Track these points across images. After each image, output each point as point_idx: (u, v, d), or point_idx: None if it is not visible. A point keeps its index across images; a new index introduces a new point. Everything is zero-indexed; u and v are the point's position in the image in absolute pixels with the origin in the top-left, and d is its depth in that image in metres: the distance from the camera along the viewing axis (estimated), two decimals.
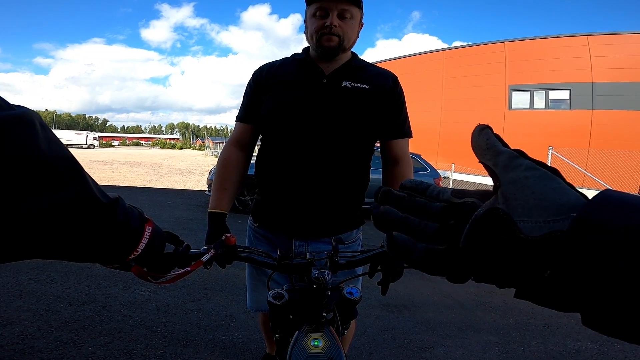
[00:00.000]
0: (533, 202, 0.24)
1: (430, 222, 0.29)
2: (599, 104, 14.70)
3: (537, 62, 16.36)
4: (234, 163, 1.24)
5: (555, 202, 0.23)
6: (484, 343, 2.38)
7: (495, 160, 0.28)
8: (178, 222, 5.09)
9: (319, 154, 1.12)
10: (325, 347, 0.72)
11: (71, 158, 0.44)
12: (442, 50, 20.81)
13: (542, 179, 0.25)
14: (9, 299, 2.33)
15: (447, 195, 0.31)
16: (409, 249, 0.28)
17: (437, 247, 0.27)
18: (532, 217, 0.23)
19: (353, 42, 1.18)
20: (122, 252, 0.56)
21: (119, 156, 23.93)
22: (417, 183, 0.34)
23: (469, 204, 0.29)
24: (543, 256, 0.22)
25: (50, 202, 0.41)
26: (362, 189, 1.24)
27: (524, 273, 0.23)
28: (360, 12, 1.15)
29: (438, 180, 6.71)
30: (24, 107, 0.40)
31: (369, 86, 1.15)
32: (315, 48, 1.14)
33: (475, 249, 0.25)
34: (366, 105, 1.14)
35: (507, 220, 0.23)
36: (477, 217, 0.25)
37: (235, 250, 0.82)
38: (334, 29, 1.08)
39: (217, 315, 2.40)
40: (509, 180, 0.26)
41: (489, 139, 0.29)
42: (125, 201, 0.55)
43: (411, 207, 0.31)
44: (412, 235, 0.29)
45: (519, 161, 0.26)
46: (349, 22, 1.11)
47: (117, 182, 9.42)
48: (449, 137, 19.22)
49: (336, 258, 0.82)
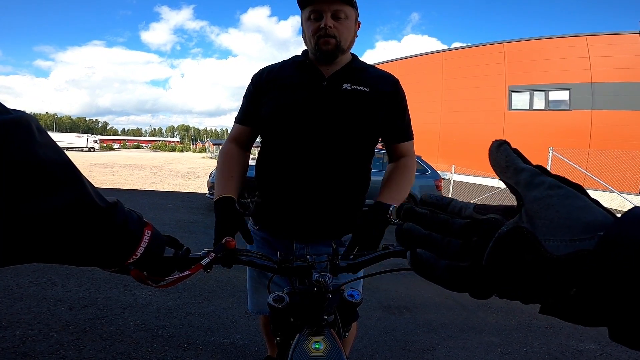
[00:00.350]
0: (558, 221, 0.24)
1: (453, 239, 0.29)
2: (599, 104, 14.71)
3: (537, 63, 16.39)
4: (235, 156, 1.23)
5: (581, 220, 0.23)
6: (486, 344, 2.37)
7: (516, 179, 0.28)
8: (179, 224, 5.08)
9: (319, 156, 1.12)
10: (326, 350, 0.72)
11: (68, 162, 0.44)
12: (442, 51, 20.85)
13: (567, 197, 0.24)
14: (10, 302, 2.33)
15: (469, 211, 0.32)
16: (432, 266, 0.28)
17: (460, 264, 0.28)
18: (557, 236, 0.23)
19: (351, 43, 1.17)
20: (121, 256, 0.56)
21: (119, 159, 23.94)
22: (438, 198, 0.34)
23: (492, 220, 0.29)
24: (569, 275, 0.22)
25: (48, 206, 0.41)
26: (363, 191, 1.24)
27: (549, 291, 0.23)
28: (355, 12, 1.15)
29: (438, 181, 6.71)
30: (20, 111, 0.40)
31: (369, 89, 1.15)
32: (314, 52, 1.14)
33: (499, 267, 0.25)
34: (366, 107, 1.14)
35: (531, 239, 0.24)
36: (500, 235, 0.25)
37: (236, 253, 0.81)
38: (329, 30, 1.08)
39: (218, 318, 2.40)
40: (532, 198, 0.26)
41: (508, 156, 0.29)
42: (124, 205, 0.55)
43: (434, 224, 0.31)
44: (435, 252, 0.29)
45: (542, 179, 0.26)
46: (344, 22, 1.11)
47: (117, 185, 9.42)
48: (449, 138, 19.23)
49: (337, 261, 0.81)
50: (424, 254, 0.29)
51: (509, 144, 0.30)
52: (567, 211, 0.24)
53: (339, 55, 1.14)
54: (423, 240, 0.30)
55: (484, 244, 0.26)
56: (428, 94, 20.00)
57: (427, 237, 0.30)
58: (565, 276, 0.22)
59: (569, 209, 0.24)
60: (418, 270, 0.29)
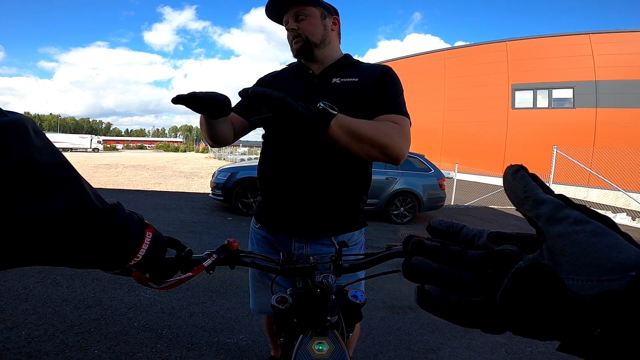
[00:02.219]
0: (585, 260, 0.22)
1: (465, 272, 0.28)
2: (603, 102, 14.61)
3: (540, 61, 16.31)
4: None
5: (611, 260, 0.21)
6: (490, 344, 2.36)
7: (537, 211, 0.25)
8: (182, 225, 5.10)
9: (314, 152, 1.14)
10: (329, 352, 0.72)
11: (66, 164, 0.44)
12: (444, 50, 20.78)
13: (596, 234, 0.22)
14: (15, 302, 2.35)
15: (483, 240, 0.30)
16: (441, 303, 0.27)
17: (472, 300, 0.26)
18: (583, 275, 0.22)
19: (322, 37, 1.20)
20: (122, 259, 0.55)
21: (123, 159, 24.05)
22: (448, 225, 0.32)
23: (509, 252, 0.27)
24: (594, 315, 0.21)
25: (45, 209, 0.40)
26: (363, 187, 1.24)
27: (570, 331, 0.22)
28: (318, 9, 1.19)
29: (442, 180, 6.68)
30: (17, 114, 0.40)
31: (358, 79, 1.18)
32: (293, 52, 1.23)
33: (514, 306, 0.24)
34: (355, 95, 1.16)
35: (553, 278, 0.22)
36: (517, 270, 0.24)
37: (238, 255, 0.81)
38: (294, 32, 1.17)
39: (222, 318, 2.41)
40: (555, 234, 0.24)
41: (526, 185, 0.27)
42: (124, 207, 0.55)
43: (445, 257, 0.29)
44: (445, 287, 0.28)
45: (566, 212, 0.24)
46: (307, 20, 1.17)
47: (121, 186, 9.46)
48: (452, 137, 19.17)
49: (340, 262, 0.81)
50: (433, 290, 0.28)
51: (526, 170, 0.28)
52: (595, 249, 0.22)
53: (314, 50, 1.19)
54: (433, 275, 0.29)
55: (499, 279, 0.25)
56: (430, 93, 19.95)
57: (437, 272, 0.28)
58: (590, 317, 0.21)
59: (598, 247, 0.22)
60: (426, 307, 0.28)
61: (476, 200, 10.66)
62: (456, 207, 9.28)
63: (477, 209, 9.27)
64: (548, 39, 16.34)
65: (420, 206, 6.43)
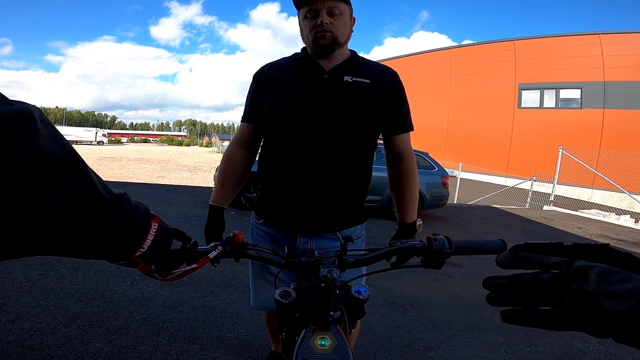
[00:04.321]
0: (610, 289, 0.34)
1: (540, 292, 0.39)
2: (611, 103, 14.46)
3: (548, 61, 16.15)
4: (235, 161, 1.30)
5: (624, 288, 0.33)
6: (490, 343, 2.36)
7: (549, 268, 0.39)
8: (185, 218, 5.12)
9: (322, 147, 1.13)
10: (332, 346, 0.72)
11: (73, 153, 0.43)
12: (451, 48, 20.62)
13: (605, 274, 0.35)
14: (18, 295, 2.36)
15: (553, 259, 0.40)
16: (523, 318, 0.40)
17: (551, 312, 0.38)
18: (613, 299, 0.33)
19: (347, 37, 1.20)
20: (128, 249, 0.55)
21: (127, 153, 24.16)
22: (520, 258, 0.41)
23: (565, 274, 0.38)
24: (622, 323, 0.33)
25: (52, 198, 0.40)
26: (366, 182, 1.25)
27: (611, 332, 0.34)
28: (349, 8, 1.18)
29: (445, 178, 6.65)
30: (24, 103, 0.39)
31: (370, 80, 1.17)
32: (313, 47, 1.17)
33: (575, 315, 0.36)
34: (368, 98, 1.16)
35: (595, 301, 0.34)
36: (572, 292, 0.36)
37: (243, 247, 0.81)
38: (325, 27, 1.11)
39: (223, 312, 2.42)
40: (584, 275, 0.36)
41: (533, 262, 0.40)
42: (131, 197, 0.55)
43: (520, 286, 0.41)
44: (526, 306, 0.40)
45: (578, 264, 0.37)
46: (339, 17, 1.14)
47: (125, 179, 9.51)
48: (457, 135, 19.07)
49: (345, 256, 0.81)
50: (515, 311, 0.40)
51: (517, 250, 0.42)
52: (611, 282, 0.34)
53: (336, 49, 1.17)
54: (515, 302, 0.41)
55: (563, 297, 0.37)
56: (436, 91, 19.83)
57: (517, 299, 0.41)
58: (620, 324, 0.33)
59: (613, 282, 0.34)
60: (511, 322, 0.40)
61: (479, 200, 10.63)
62: (459, 206, 9.24)
63: (479, 208, 9.23)
64: (557, 39, 16.16)
65: (423, 204, 6.40)
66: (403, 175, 1.28)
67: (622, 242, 6.23)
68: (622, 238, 6.60)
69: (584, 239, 6.25)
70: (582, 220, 8.46)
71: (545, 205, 10.28)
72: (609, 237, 6.62)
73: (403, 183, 1.28)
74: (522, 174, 12.71)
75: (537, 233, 6.40)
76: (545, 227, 7.15)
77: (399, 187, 1.29)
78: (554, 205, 10.15)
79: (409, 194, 1.28)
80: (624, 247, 5.85)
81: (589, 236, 6.53)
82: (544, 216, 8.55)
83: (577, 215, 9.03)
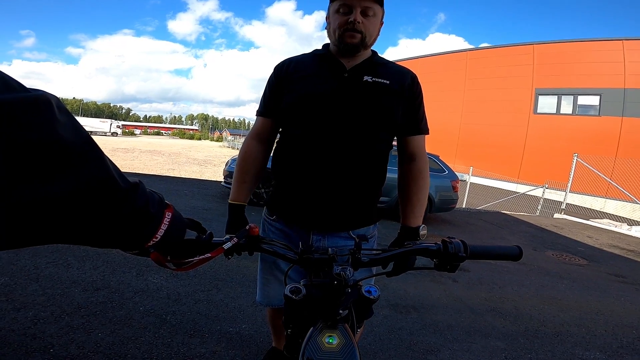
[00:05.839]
0: None
1: None
2: (630, 111, 14.10)
3: (567, 66, 15.81)
4: (253, 156, 1.28)
5: None
6: (491, 349, 2.33)
7: None
8: (193, 211, 5.17)
9: (339, 146, 1.12)
10: (339, 345, 0.71)
11: (89, 140, 0.44)
12: (466, 50, 20.35)
13: None
14: (25, 283, 2.40)
15: None
16: None
17: None
18: None
19: (374, 40, 1.18)
20: (141, 238, 0.55)
21: (140, 144, 24.48)
22: None
23: None
24: None
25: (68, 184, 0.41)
26: (380, 182, 1.25)
27: None
28: (382, 10, 1.16)
29: (455, 182, 6.57)
30: (40, 90, 0.40)
31: (390, 81, 1.16)
32: (337, 44, 1.15)
33: None
34: (387, 98, 1.15)
35: None
36: None
37: (258, 241, 0.82)
38: (357, 25, 1.09)
39: (226, 307, 2.43)
40: None
41: None
42: (146, 186, 0.55)
43: None
44: None
45: None
46: (372, 19, 1.12)
47: (137, 170, 9.65)
48: (469, 139, 18.84)
49: (358, 255, 0.81)
50: None
51: None
52: None
53: (361, 50, 1.16)
54: None
55: None
56: (449, 93, 19.60)
57: None
58: None
59: None
60: None
61: (488, 205, 10.48)
62: (467, 210, 9.13)
63: (488, 213, 9.10)
64: (577, 44, 15.80)
65: (432, 207, 6.34)
66: (414, 178, 1.26)
67: (632, 253, 6.08)
68: (632, 249, 6.44)
69: (593, 248, 6.12)
70: (592, 229, 8.27)
71: (556, 213, 10.08)
72: (619, 247, 6.46)
73: (412, 185, 1.26)
74: (534, 181, 12.50)
75: (545, 240, 6.28)
76: (554, 234, 7.02)
77: (408, 189, 1.26)
78: (565, 213, 9.95)
79: (417, 197, 1.25)
80: (634, 257, 5.72)
81: (599, 246, 6.38)
82: (554, 224, 8.39)
83: (588, 225, 8.83)
